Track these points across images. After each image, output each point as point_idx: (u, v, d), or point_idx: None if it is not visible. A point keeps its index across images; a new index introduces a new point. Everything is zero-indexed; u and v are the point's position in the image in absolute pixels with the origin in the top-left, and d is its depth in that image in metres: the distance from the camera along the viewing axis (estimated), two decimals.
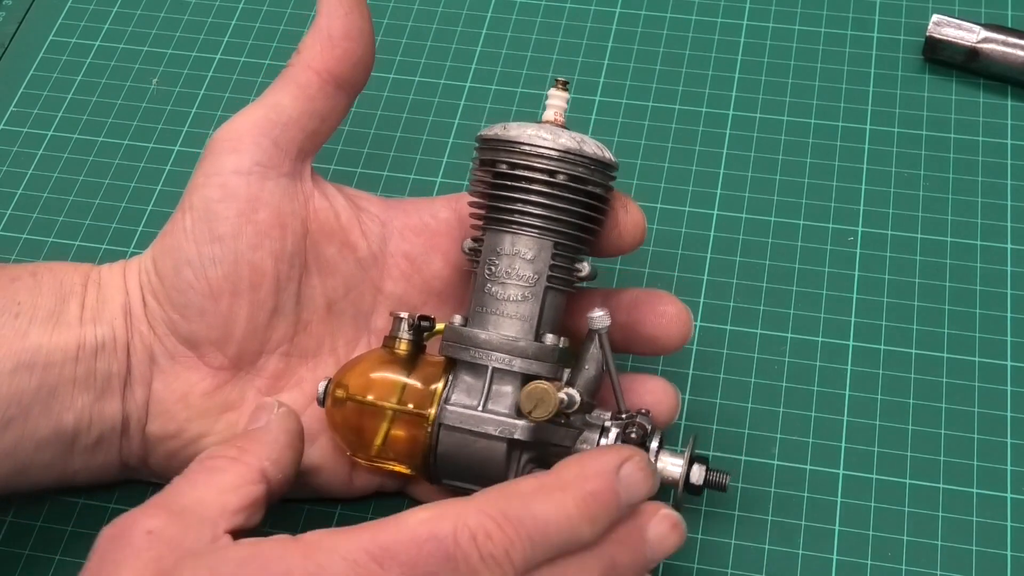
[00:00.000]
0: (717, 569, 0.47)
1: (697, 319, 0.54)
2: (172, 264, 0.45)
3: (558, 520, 0.38)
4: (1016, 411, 0.51)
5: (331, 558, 0.36)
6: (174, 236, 0.45)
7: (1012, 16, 0.63)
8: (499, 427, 0.42)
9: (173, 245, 0.45)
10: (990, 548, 0.47)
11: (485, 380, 0.43)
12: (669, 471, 0.44)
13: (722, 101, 0.61)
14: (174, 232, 0.45)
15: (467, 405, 0.43)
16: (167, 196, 0.60)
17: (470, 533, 0.37)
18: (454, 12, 0.66)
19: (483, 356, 0.43)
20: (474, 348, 0.43)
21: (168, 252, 0.45)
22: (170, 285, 0.45)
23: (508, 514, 0.37)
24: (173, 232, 0.45)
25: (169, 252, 0.45)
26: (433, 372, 0.44)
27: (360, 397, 0.44)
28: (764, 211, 0.57)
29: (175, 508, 0.39)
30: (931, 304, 0.54)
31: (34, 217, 0.59)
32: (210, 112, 0.63)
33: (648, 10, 0.65)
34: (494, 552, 0.37)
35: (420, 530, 0.37)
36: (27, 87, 0.65)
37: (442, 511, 0.37)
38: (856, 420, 0.51)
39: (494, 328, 0.44)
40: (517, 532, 0.37)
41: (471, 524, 0.37)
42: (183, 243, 0.44)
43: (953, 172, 0.58)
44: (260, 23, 0.66)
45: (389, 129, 0.62)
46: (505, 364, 0.43)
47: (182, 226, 0.45)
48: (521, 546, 0.37)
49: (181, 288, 0.45)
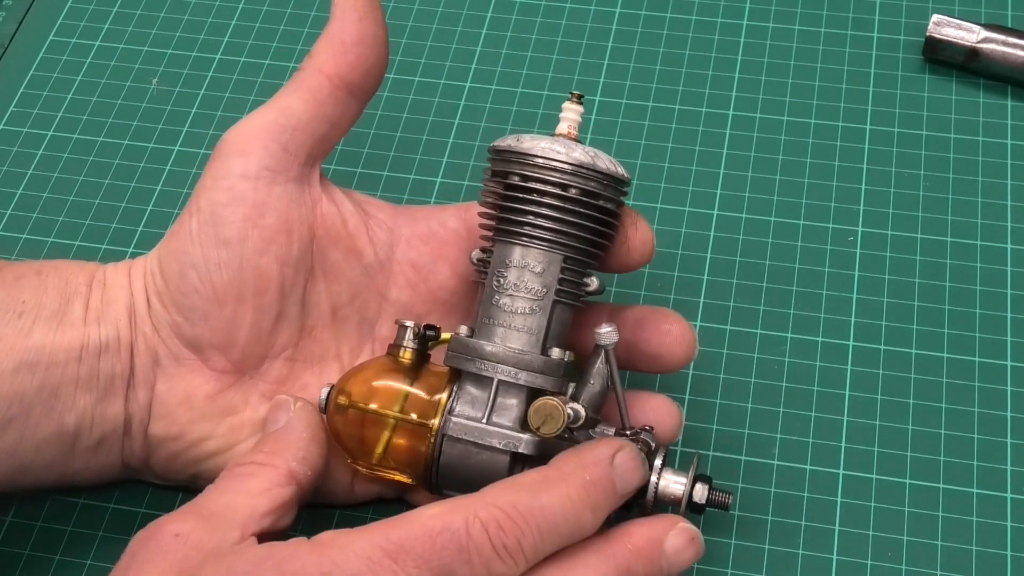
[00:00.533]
0: (717, 569, 0.47)
1: (697, 319, 0.54)
2: (177, 267, 0.45)
3: (563, 509, 0.39)
4: (1016, 411, 0.51)
5: (345, 555, 0.37)
6: (180, 238, 0.45)
7: (1012, 16, 0.63)
8: (504, 440, 0.42)
9: (179, 248, 0.45)
10: (990, 548, 0.47)
11: (490, 392, 0.43)
12: (672, 489, 0.43)
13: (722, 101, 0.61)
14: (180, 234, 0.45)
15: (471, 417, 0.43)
16: (167, 196, 0.60)
17: (482, 525, 0.37)
18: (454, 12, 0.66)
19: (489, 368, 0.43)
20: (480, 360, 0.43)
21: (174, 254, 0.45)
22: (175, 288, 0.45)
23: (517, 505, 0.38)
24: (179, 234, 0.45)
25: (175, 254, 0.45)
26: (437, 382, 0.44)
27: (362, 405, 0.44)
28: (764, 211, 0.57)
29: (204, 512, 0.40)
30: (931, 304, 0.54)
31: (34, 217, 0.59)
32: (210, 112, 0.63)
33: (648, 10, 0.65)
34: (506, 542, 0.37)
35: (433, 524, 0.37)
36: (27, 87, 0.65)
37: (453, 506, 0.38)
38: (856, 420, 0.51)
39: (501, 340, 0.43)
40: (527, 522, 0.38)
41: (482, 516, 0.37)
42: (189, 246, 0.44)
43: (953, 172, 0.58)
44: (260, 23, 0.66)
45: (389, 129, 0.62)
46: (511, 377, 0.43)
47: (188, 229, 0.45)
48: (531, 536, 0.38)
49: (186, 291, 0.45)
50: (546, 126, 0.61)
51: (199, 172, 0.60)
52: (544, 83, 0.63)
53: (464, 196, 0.59)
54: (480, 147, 0.60)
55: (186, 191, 0.60)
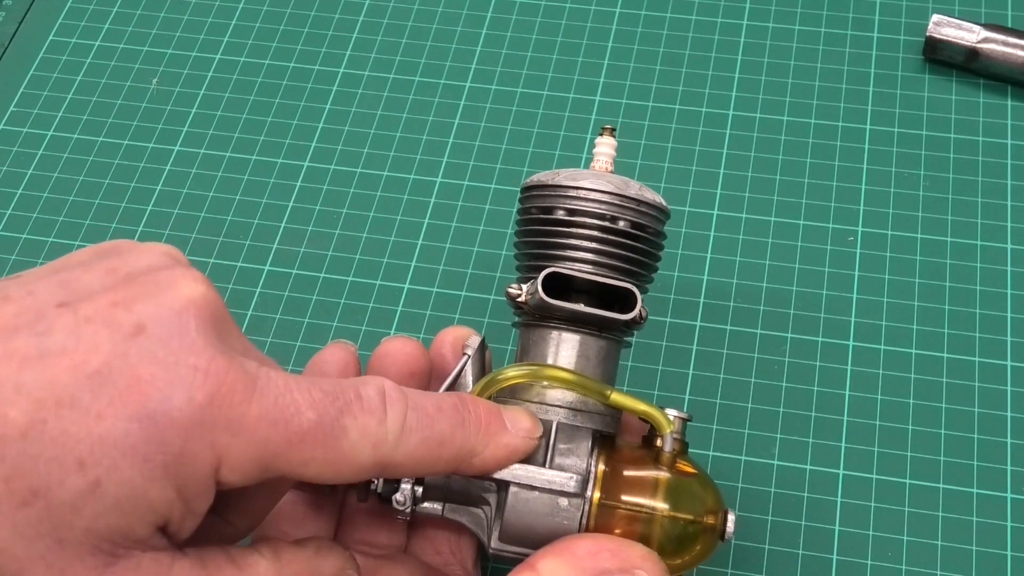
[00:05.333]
0: (717, 569, 0.47)
1: (697, 319, 0.54)
2: None
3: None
4: (1016, 411, 0.51)
5: None
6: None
7: (1012, 16, 0.63)
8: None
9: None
10: (990, 548, 0.47)
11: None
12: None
13: (722, 101, 0.61)
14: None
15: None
16: (167, 196, 0.60)
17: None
18: (454, 12, 0.66)
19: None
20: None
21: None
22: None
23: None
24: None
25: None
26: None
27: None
28: (764, 211, 0.57)
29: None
30: (931, 304, 0.54)
31: (34, 217, 0.59)
32: (210, 112, 0.63)
33: (648, 10, 0.65)
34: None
35: None
36: (27, 87, 0.65)
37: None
38: (856, 420, 0.51)
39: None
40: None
41: None
42: None
43: (953, 172, 0.58)
44: (260, 23, 0.66)
45: (389, 129, 0.62)
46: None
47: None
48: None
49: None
50: (545, 126, 0.61)
51: (199, 172, 0.61)
52: (544, 83, 0.63)
53: (464, 195, 0.59)
54: (480, 147, 0.60)
55: (186, 191, 0.60)
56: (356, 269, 0.57)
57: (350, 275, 0.57)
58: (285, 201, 0.59)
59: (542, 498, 0.39)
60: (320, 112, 0.62)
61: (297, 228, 0.58)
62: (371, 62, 0.64)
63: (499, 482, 0.39)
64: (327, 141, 0.61)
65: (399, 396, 0.36)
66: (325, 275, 0.57)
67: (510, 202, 0.58)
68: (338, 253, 0.57)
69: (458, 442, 0.37)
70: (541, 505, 0.39)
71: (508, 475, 0.39)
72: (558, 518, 0.39)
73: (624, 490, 0.39)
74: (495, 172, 0.60)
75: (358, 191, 0.59)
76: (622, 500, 0.39)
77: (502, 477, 0.39)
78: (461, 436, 0.37)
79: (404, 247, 0.57)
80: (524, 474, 0.39)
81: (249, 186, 0.60)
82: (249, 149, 0.61)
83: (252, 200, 0.59)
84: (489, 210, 0.58)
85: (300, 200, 0.59)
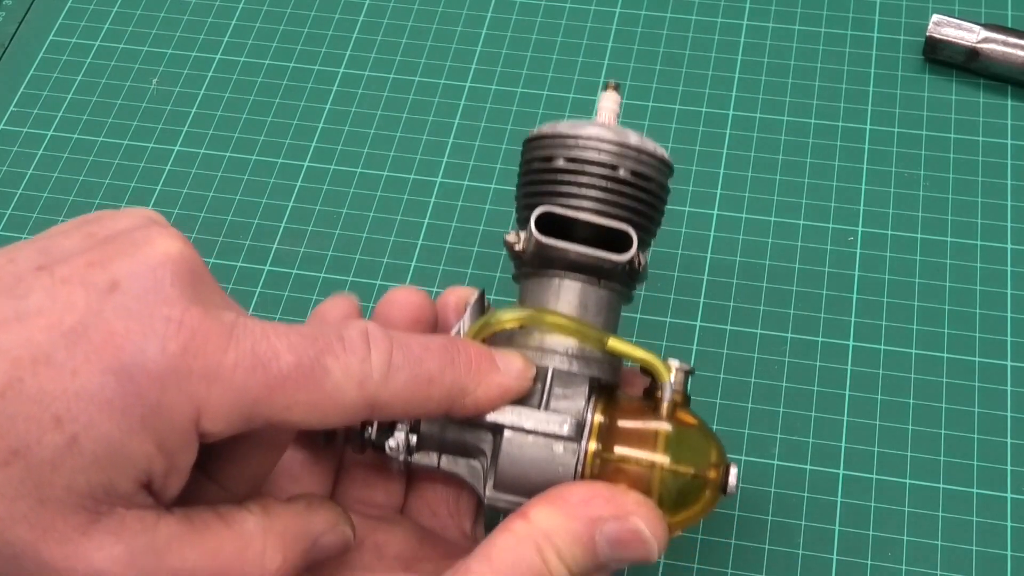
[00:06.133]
0: (717, 569, 0.47)
1: (697, 319, 0.54)
2: None
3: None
4: (1016, 411, 0.51)
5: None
6: None
7: (1012, 16, 0.63)
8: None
9: None
10: (990, 548, 0.47)
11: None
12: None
13: (722, 101, 0.61)
14: None
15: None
16: (167, 196, 0.60)
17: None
18: (454, 12, 0.66)
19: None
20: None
21: None
22: None
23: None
24: None
25: None
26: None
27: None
28: (764, 211, 0.57)
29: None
30: (931, 304, 0.54)
31: (34, 217, 0.59)
32: (210, 112, 0.63)
33: (648, 10, 0.65)
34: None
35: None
36: (27, 87, 0.65)
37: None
38: (856, 420, 0.51)
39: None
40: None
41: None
42: None
43: (953, 172, 0.58)
44: (260, 23, 0.66)
45: (389, 129, 0.62)
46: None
47: None
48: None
49: None
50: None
51: (199, 172, 0.61)
52: (544, 83, 0.63)
53: (464, 196, 0.59)
54: (480, 147, 0.60)
55: (186, 191, 0.60)
56: (356, 269, 0.57)
57: (350, 275, 0.57)
58: (285, 201, 0.59)
59: (537, 443, 0.38)
60: (320, 112, 0.62)
61: (297, 228, 0.58)
62: (371, 62, 0.64)
63: (493, 427, 0.38)
64: (327, 141, 0.61)
65: (383, 336, 0.36)
66: (325, 275, 0.57)
67: (510, 202, 0.58)
68: (338, 253, 0.57)
69: (448, 380, 0.37)
70: (536, 451, 0.38)
71: (501, 417, 0.38)
72: (553, 465, 0.38)
73: (622, 441, 0.38)
74: (495, 172, 0.60)
75: (358, 191, 0.59)
76: (619, 452, 0.38)
77: (495, 419, 0.38)
78: (451, 374, 0.37)
79: (404, 247, 0.57)
80: (516, 417, 0.38)
81: (249, 186, 0.60)
82: (249, 149, 0.61)
83: (252, 200, 0.60)
84: (489, 210, 0.58)
85: (300, 200, 0.59)
